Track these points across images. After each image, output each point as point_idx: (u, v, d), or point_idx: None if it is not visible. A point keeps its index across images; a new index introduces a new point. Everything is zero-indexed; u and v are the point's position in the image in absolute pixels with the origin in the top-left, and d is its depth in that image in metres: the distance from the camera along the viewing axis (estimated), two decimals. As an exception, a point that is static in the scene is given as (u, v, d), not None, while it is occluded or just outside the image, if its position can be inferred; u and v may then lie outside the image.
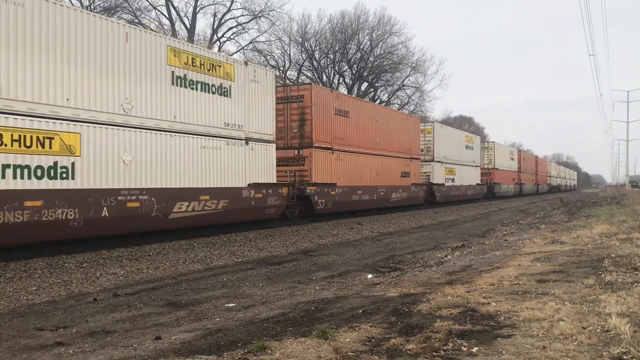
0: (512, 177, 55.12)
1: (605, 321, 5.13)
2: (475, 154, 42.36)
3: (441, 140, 34.91)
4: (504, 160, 52.11)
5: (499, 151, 51.07)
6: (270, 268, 10.66)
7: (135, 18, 39.64)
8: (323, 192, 20.92)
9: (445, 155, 35.38)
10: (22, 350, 5.42)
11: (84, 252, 11.84)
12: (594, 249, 10.58)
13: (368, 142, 25.30)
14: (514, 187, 55.67)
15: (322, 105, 21.83)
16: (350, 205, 22.88)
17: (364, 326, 5.46)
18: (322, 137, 21.61)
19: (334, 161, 22.41)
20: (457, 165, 37.84)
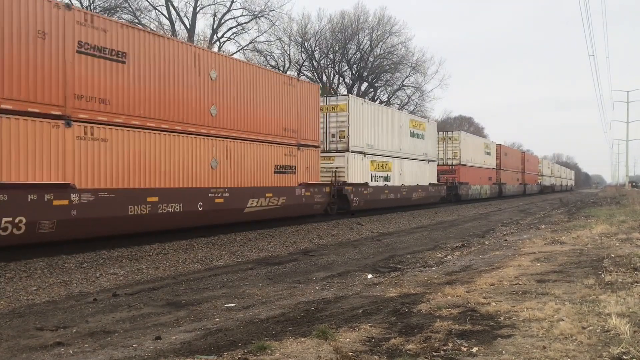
0: (488, 176, 47.05)
1: (605, 321, 5.13)
2: (427, 145, 32.60)
3: (364, 122, 24.82)
4: (475, 155, 43.12)
5: (468, 143, 41.60)
6: (270, 268, 10.66)
7: (135, 18, 39.65)
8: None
9: (372, 144, 25.64)
10: (22, 350, 5.42)
11: (83, 252, 11.83)
12: (593, 249, 10.58)
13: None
14: (491, 187, 47.49)
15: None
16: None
17: (364, 326, 5.46)
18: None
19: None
20: (395, 159, 28.07)
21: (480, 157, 44.69)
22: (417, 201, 31.27)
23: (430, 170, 33.59)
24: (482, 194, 45.08)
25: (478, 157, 44.08)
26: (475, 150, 43.50)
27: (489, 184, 46.93)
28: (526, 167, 64.60)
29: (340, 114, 23.58)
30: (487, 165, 46.59)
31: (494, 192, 48.72)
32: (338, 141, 23.59)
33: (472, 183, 41.74)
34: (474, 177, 42.61)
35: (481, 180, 44.67)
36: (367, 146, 25.13)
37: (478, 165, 43.79)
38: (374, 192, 25.54)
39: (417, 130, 31.29)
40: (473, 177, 42.26)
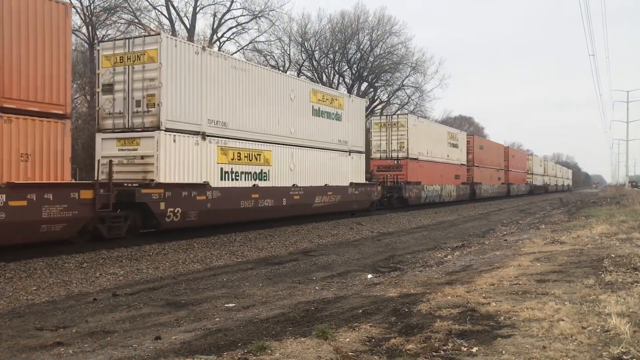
0: (455, 174, 38.14)
1: (605, 321, 5.13)
2: (347, 129, 23.59)
3: (202, 83, 15.47)
4: (433, 147, 33.92)
5: (420, 131, 32.16)
6: (270, 268, 10.66)
7: (135, 18, 39.64)
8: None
9: (224, 121, 16.37)
10: (22, 350, 5.42)
11: (83, 252, 11.83)
12: (593, 249, 10.58)
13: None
14: (458, 188, 38.55)
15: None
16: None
17: (364, 326, 5.46)
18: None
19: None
20: (279, 147, 19.05)
21: (441, 149, 35.41)
22: (325, 208, 21.71)
23: (354, 165, 23.97)
24: (445, 196, 35.78)
25: (438, 149, 34.84)
26: (435, 141, 34.34)
27: (455, 183, 38.01)
28: (511, 164, 56.44)
29: (148, 67, 14.27)
30: (452, 160, 37.54)
31: (463, 193, 39.57)
32: (145, 113, 14.31)
33: (427, 182, 32.62)
34: (431, 174, 33.47)
35: (443, 179, 35.48)
36: (210, 123, 15.84)
37: (439, 160, 34.87)
38: (222, 198, 16.01)
39: (328, 108, 22.28)
40: (429, 175, 33.17)
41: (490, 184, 47.82)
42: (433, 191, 34.15)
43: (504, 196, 52.02)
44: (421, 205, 32.25)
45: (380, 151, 31.50)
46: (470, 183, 42.34)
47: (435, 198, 34.57)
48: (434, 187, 34.35)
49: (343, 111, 23.42)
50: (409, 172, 30.79)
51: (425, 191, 32.69)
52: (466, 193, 41.02)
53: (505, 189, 53.00)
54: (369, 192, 25.33)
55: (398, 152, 30.96)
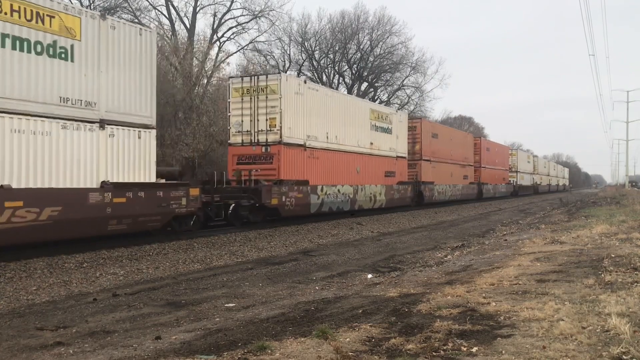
0: (385, 169, 26.94)
1: (605, 321, 5.13)
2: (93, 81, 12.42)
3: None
4: (339, 128, 22.79)
5: (310, 103, 20.94)
6: (270, 268, 10.66)
7: (135, 18, 39.62)
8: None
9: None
10: (22, 350, 5.43)
11: (83, 252, 11.83)
12: (593, 249, 10.58)
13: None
14: (391, 189, 27.35)
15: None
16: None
17: (364, 326, 5.46)
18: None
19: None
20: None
21: (358, 134, 24.32)
22: None
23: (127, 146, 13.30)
24: (362, 202, 24.40)
25: (352, 133, 23.83)
26: (344, 120, 23.08)
27: (386, 183, 26.88)
28: (486, 160, 46.36)
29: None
30: (381, 150, 26.52)
31: (400, 196, 28.43)
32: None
33: (327, 182, 21.56)
34: (336, 171, 22.39)
35: (363, 177, 24.57)
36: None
37: (353, 148, 23.72)
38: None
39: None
40: (333, 172, 22.15)
41: (451, 184, 37.06)
42: (337, 196, 22.15)
43: (473, 199, 42.17)
44: (305, 219, 20.92)
45: (242, 133, 19.66)
46: (414, 182, 31.01)
47: (344, 206, 22.78)
48: (340, 189, 22.37)
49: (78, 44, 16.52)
50: (282, 166, 18.96)
51: (321, 196, 20.96)
52: (406, 196, 29.28)
53: (474, 190, 42.74)
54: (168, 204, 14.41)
55: (267, 135, 19.19)
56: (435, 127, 36.90)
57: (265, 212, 18.81)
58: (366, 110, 25.75)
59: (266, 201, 18.20)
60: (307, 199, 20.32)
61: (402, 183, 29.18)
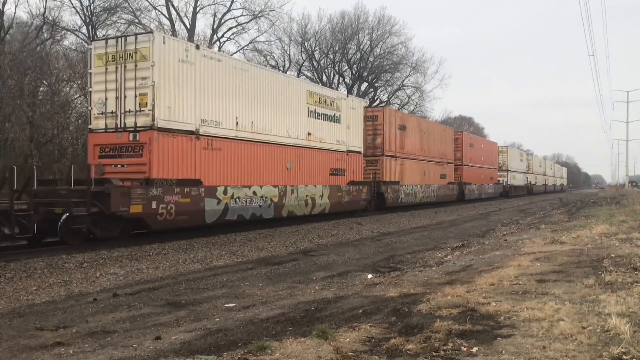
0: (331, 166, 22.15)
1: (605, 321, 5.13)
2: None
3: None
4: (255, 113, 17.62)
5: (203, 74, 15.45)
6: (270, 268, 10.66)
7: (135, 18, 39.63)
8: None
9: None
10: (22, 350, 5.43)
11: (83, 252, 11.84)
12: (593, 249, 10.58)
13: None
14: (337, 191, 22.28)
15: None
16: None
17: (364, 326, 5.46)
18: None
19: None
20: None
21: (288, 121, 19.25)
22: None
23: None
24: (297, 206, 19.59)
25: (281, 121, 18.83)
26: (264, 102, 17.94)
27: (332, 183, 22.06)
28: (469, 157, 41.69)
29: None
30: (324, 144, 21.55)
31: (351, 199, 23.43)
32: None
33: (234, 182, 16.61)
34: (245, 168, 17.11)
35: (306, 176, 20.23)
36: None
37: (275, 139, 18.53)
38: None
39: None
40: (239, 170, 16.87)
41: (423, 184, 32.28)
42: (252, 201, 17.23)
43: (452, 201, 37.86)
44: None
45: (106, 115, 14.61)
46: (372, 182, 26.13)
47: (264, 212, 17.72)
48: (257, 191, 17.42)
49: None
50: (155, 160, 13.94)
51: (224, 201, 15.99)
52: (359, 199, 24.26)
53: (453, 191, 37.91)
54: None
55: (136, 117, 14.10)
56: (402, 118, 31.05)
57: (124, 224, 13.64)
58: (301, 92, 20.25)
59: (120, 209, 12.95)
60: (198, 205, 15.00)
61: (356, 183, 23.93)
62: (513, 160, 57.54)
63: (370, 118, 27.21)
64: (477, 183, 43.79)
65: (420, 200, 31.99)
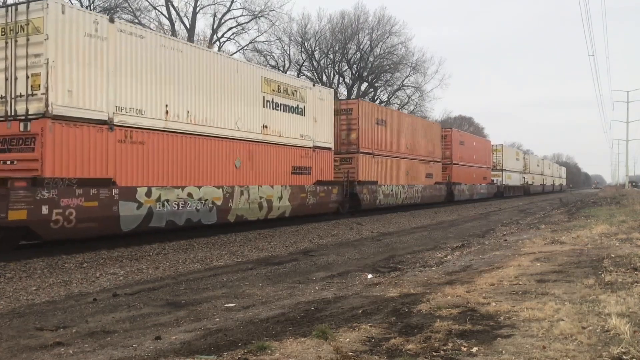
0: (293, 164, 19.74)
1: (605, 321, 5.13)
2: None
3: None
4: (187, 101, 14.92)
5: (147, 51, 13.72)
6: (270, 268, 10.66)
7: (135, 18, 39.64)
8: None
9: None
10: (22, 350, 5.42)
11: (83, 252, 11.84)
12: (593, 249, 10.58)
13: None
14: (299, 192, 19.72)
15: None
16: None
17: (364, 326, 5.46)
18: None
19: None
20: None
21: (237, 112, 16.91)
22: None
23: None
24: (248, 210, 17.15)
25: (222, 110, 16.32)
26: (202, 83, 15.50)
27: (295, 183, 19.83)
28: (460, 155, 39.31)
29: None
30: (285, 138, 19.32)
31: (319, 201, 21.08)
32: None
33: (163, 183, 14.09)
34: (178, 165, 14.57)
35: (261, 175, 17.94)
36: None
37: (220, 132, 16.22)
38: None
39: None
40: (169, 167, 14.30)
41: (405, 184, 29.73)
42: (187, 204, 14.65)
43: (440, 202, 35.60)
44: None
45: None
46: (346, 182, 23.63)
47: (204, 217, 15.30)
48: (193, 193, 14.91)
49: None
50: (49, 155, 11.64)
51: (147, 205, 13.58)
52: (328, 200, 21.73)
53: (441, 191, 35.35)
54: None
55: (27, 102, 11.84)
56: (381, 111, 28.34)
57: (3, 234, 11.17)
58: (255, 78, 17.72)
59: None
60: (110, 210, 12.60)
61: (324, 183, 21.53)
62: (508, 159, 55.26)
63: (344, 111, 24.80)
64: (468, 183, 41.31)
65: (402, 201, 29.43)
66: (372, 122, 26.28)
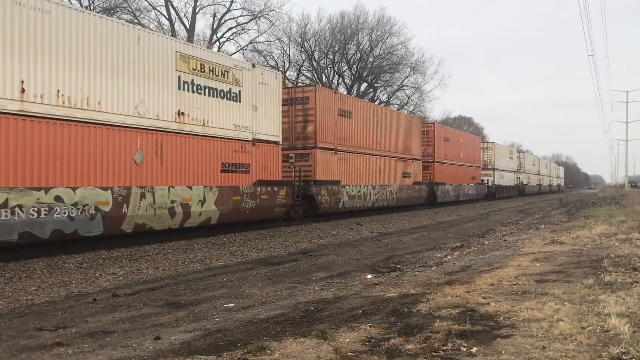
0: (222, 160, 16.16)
1: (604, 321, 5.13)
2: None
3: None
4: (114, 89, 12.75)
5: None
6: (270, 268, 10.66)
7: (135, 18, 39.64)
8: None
9: None
10: (21, 350, 5.42)
11: (83, 253, 11.83)
12: (593, 249, 10.59)
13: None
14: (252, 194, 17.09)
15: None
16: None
17: (364, 326, 5.46)
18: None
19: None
20: None
21: (141, 93, 13.53)
22: None
23: None
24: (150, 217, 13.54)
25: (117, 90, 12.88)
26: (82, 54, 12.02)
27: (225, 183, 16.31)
28: (444, 153, 36.08)
29: None
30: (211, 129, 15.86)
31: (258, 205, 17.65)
32: None
33: None
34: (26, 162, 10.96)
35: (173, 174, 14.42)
36: None
37: (108, 119, 12.63)
38: None
39: None
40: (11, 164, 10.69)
41: (377, 184, 26.31)
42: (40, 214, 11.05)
43: (420, 204, 32.24)
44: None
45: None
46: (295, 182, 20.39)
47: (81, 228, 11.96)
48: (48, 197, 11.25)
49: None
50: None
51: None
52: (273, 204, 18.56)
53: (420, 192, 31.74)
54: None
55: None
56: (346, 101, 24.20)
57: None
58: (167, 53, 14.39)
59: None
60: None
61: (268, 183, 18.20)
62: (501, 157, 51.75)
63: (299, 100, 21.50)
64: (454, 183, 37.81)
65: (372, 204, 25.69)
66: (334, 113, 22.82)
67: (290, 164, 20.95)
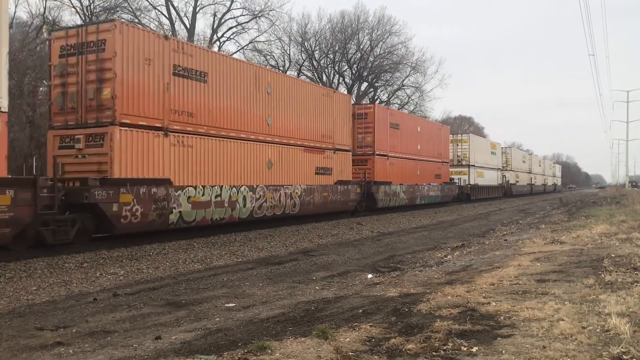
0: None
1: (605, 321, 5.13)
2: None
3: None
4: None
5: None
6: (270, 268, 10.66)
7: (135, 18, 39.62)
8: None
9: None
10: (22, 350, 5.42)
11: (83, 252, 11.84)
12: (593, 249, 10.58)
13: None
14: None
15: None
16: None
17: (364, 326, 5.46)
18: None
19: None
20: None
21: None
22: None
23: None
24: None
25: None
26: None
27: None
28: (390, 143, 28.58)
29: None
30: None
31: None
32: None
33: None
34: None
35: None
36: None
37: None
38: None
39: None
40: None
41: (264, 185, 18.15)
42: None
43: (347, 210, 24.22)
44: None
45: None
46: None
47: None
48: None
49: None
50: None
51: None
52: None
53: (347, 196, 23.65)
54: None
55: None
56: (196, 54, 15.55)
57: None
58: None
59: None
60: None
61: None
62: (480, 152, 44.01)
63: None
64: (406, 183, 30.33)
65: (247, 216, 17.29)
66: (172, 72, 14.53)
67: None
